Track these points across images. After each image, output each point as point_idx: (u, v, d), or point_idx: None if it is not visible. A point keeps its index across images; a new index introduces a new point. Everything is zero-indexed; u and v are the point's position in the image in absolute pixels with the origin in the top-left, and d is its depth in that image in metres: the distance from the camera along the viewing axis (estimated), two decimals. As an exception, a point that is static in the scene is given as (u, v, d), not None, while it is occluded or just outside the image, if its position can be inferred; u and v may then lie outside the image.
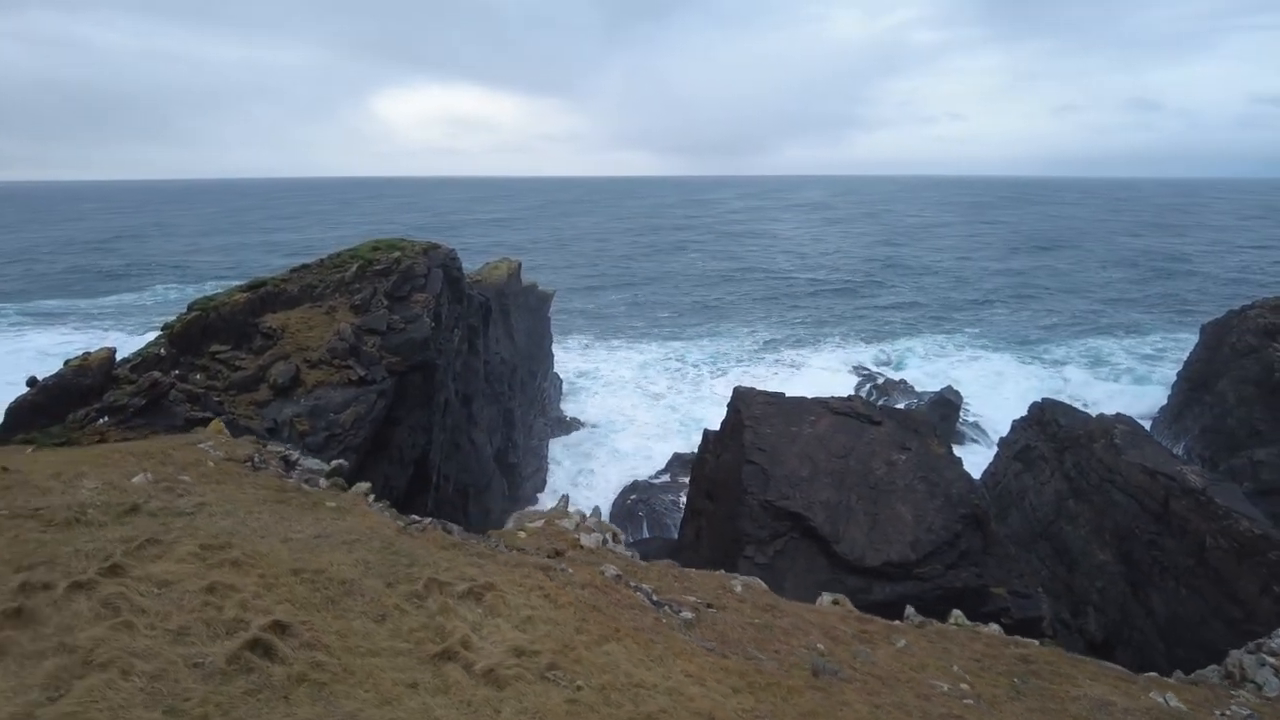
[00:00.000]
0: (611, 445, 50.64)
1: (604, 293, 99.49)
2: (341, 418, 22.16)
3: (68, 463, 11.65)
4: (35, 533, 7.86)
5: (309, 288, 25.00)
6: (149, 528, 8.34)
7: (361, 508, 11.58)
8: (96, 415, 18.40)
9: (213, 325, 22.59)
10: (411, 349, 24.77)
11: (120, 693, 4.68)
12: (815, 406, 23.83)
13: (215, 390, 21.18)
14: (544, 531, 12.70)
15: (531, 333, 49.98)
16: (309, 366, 22.99)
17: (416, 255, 27.75)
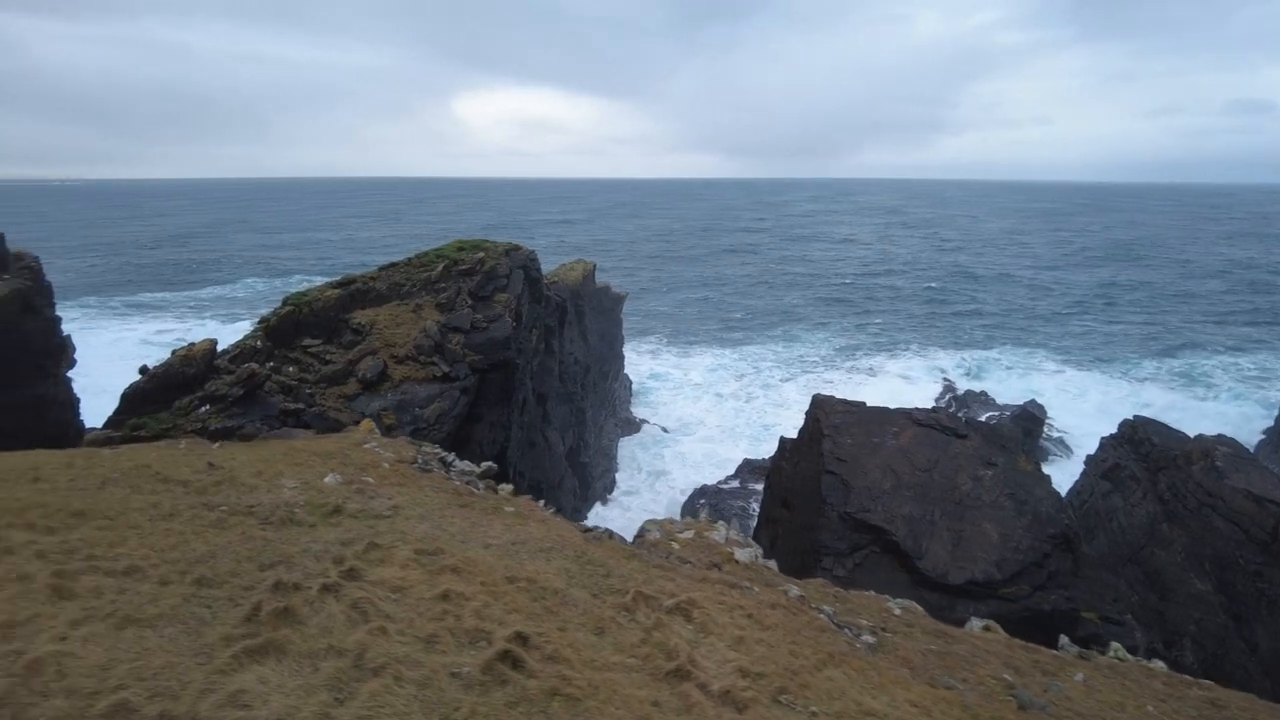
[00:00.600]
0: (680, 448, 50.62)
1: (674, 294, 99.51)
2: (426, 413, 22.69)
3: (264, 461, 11.91)
4: (258, 530, 8.03)
5: (397, 285, 25.66)
6: (359, 530, 8.42)
7: (538, 514, 11.49)
8: (199, 403, 19.30)
9: (305, 320, 23.41)
10: (493, 347, 25.20)
11: (398, 699, 4.79)
12: (898, 417, 23.31)
13: (306, 383, 21.95)
14: (695, 543, 12.41)
15: (604, 334, 50.30)
16: (396, 362, 23.61)
17: (499, 256, 28.20)
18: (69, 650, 4.73)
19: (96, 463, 10.92)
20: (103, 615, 5.30)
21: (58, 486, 9.26)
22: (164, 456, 11.74)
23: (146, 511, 8.28)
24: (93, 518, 7.78)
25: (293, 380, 21.28)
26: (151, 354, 63.91)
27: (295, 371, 21.91)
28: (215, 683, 4.62)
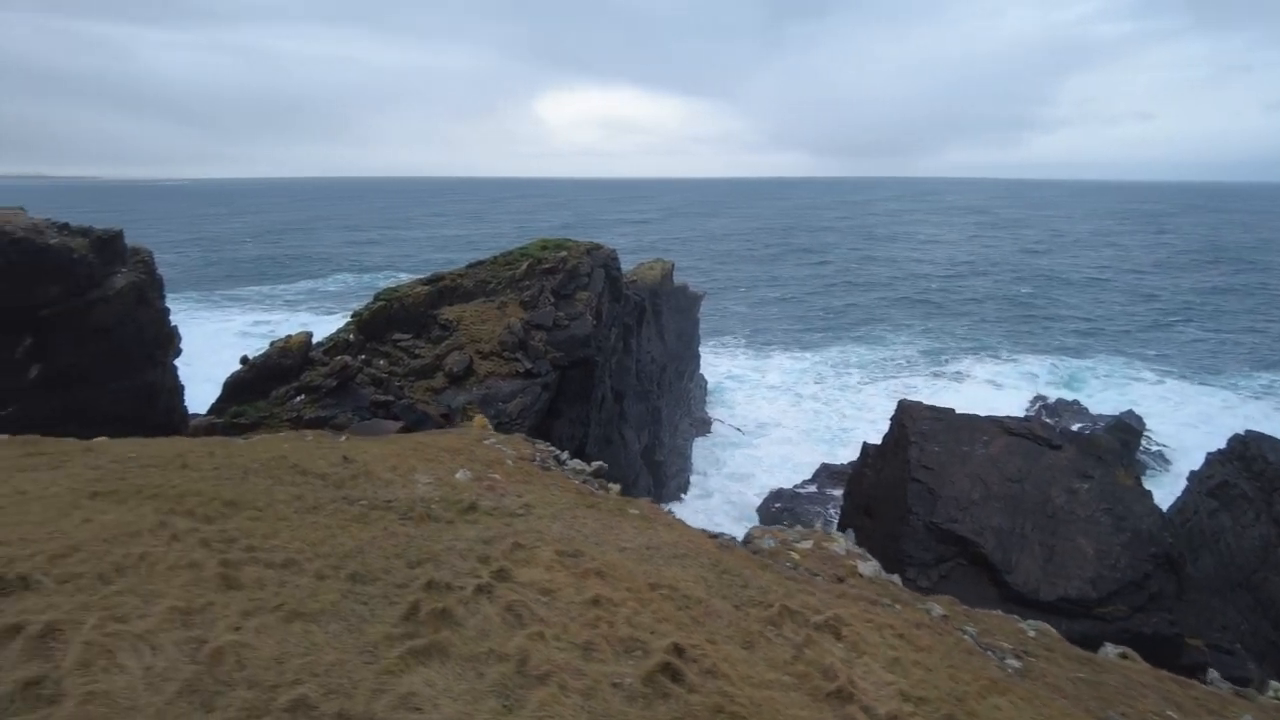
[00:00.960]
0: (756, 450, 50.13)
1: (752, 293, 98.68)
2: (509, 407, 23.10)
3: (396, 455, 11.98)
4: (399, 525, 8.11)
5: (483, 283, 26.20)
6: (497, 528, 8.40)
7: (664, 517, 11.26)
8: (295, 393, 20.13)
9: (396, 315, 24.13)
10: (574, 345, 25.48)
11: (566, 708, 4.74)
12: (988, 425, 22.51)
13: (396, 376, 22.63)
14: (815, 554, 12.00)
15: (681, 333, 50.26)
16: (481, 358, 24.12)
17: (581, 255, 28.48)
18: (245, 641, 4.85)
19: (235, 453, 11.10)
20: (270, 607, 5.39)
21: (205, 475, 9.51)
22: (298, 449, 11.80)
23: (292, 504, 8.41)
24: (244, 508, 7.95)
25: (383, 373, 21.97)
26: (248, 344, 67.07)
27: (385, 365, 22.62)
28: (385, 683, 4.65)
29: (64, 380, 30.60)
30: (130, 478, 8.80)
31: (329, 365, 20.46)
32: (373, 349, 22.91)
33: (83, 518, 6.91)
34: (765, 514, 40.24)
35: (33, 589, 5.15)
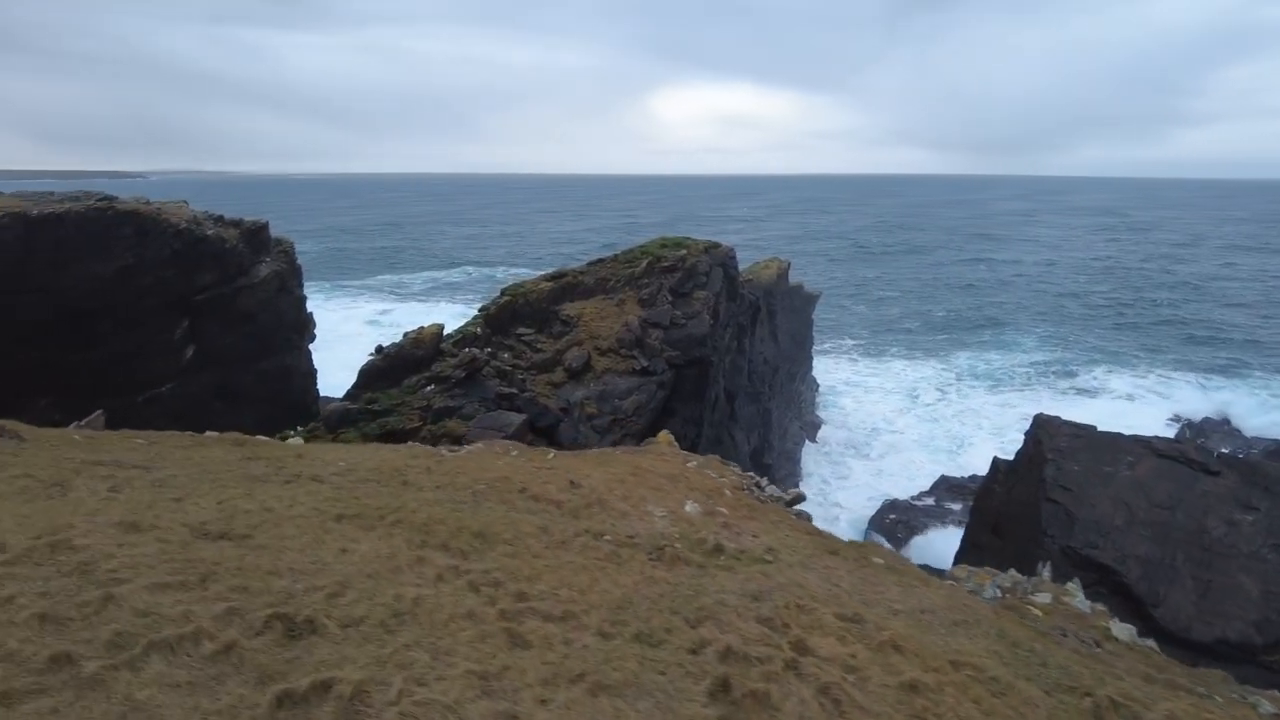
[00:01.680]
0: (869, 457, 48.66)
1: (864, 294, 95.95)
2: (625, 404, 23.23)
3: (618, 480, 11.21)
4: (653, 570, 7.58)
5: (603, 280, 26.45)
6: (756, 580, 7.70)
7: (913, 569, 10.25)
8: (425, 383, 20.87)
9: (520, 310, 24.68)
10: (690, 344, 25.36)
11: None
12: (1133, 445, 20.95)
13: (519, 369, 23.14)
14: (1058, 610, 10.59)
15: (794, 334, 49.35)
16: (599, 354, 24.36)
17: (699, 254, 28.32)
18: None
19: (453, 470, 10.48)
20: (569, 676, 4.97)
21: (437, 498, 9.02)
22: (518, 469, 10.87)
23: (539, 537, 7.95)
24: (493, 541, 7.51)
25: (507, 366, 22.51)
26: (374, 332, 70.46)
27: (509, 358, 23.16)
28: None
29: (213, 361, 32.97)
30: (364, 497, 8.45)
31: (458, 357, 21.11)
32: (498, 342, 23.50)
33: (338, 546, 6.66)
34: (879, 525, 38.97)
35: (320, 634, 4.95)
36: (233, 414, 33.46)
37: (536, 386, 22.79)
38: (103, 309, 28.81)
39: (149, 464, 7.95)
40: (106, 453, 8.04)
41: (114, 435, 9.83)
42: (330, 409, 20.48)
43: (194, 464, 8.26)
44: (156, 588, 5.12)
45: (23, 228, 26.41)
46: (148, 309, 29.91)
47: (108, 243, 28.58)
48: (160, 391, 30.77)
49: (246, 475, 8.42)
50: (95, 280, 28.42)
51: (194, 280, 30.96)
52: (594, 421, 22.58)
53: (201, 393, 32.53)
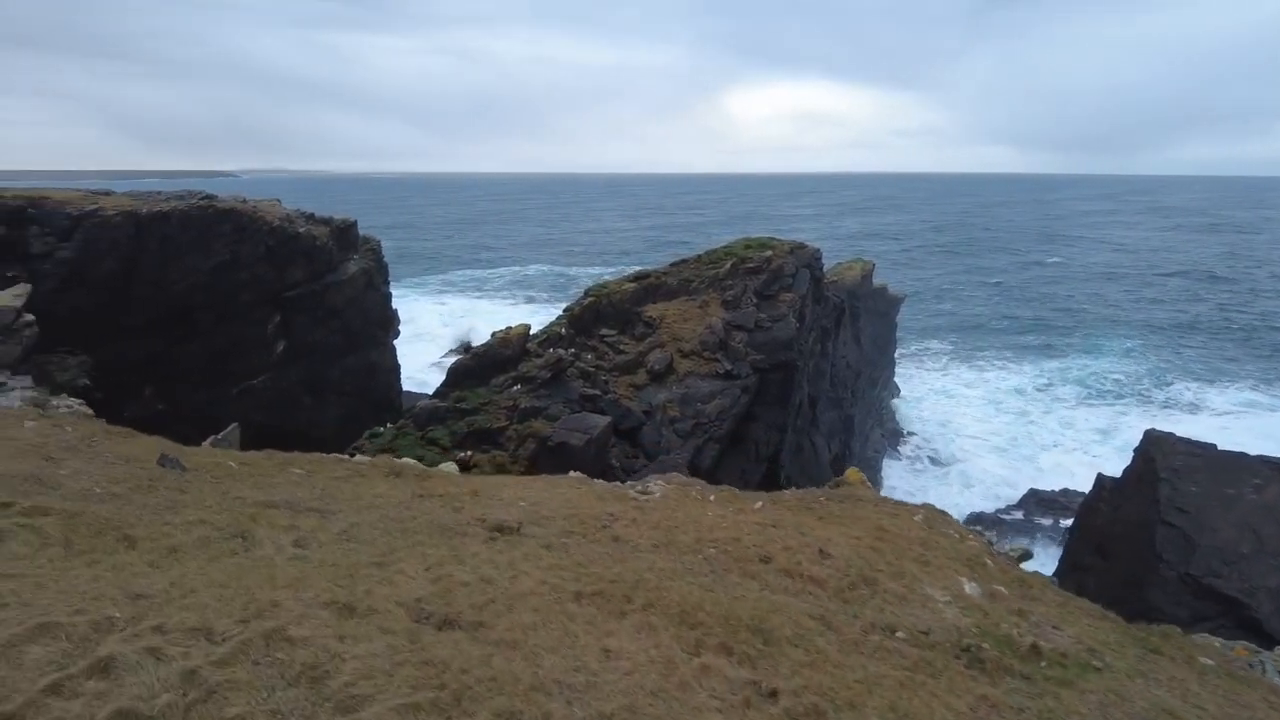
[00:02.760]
0: (951, 466, 46.95)
1: (946, 296, 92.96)
2: (708, 408, 22.81)
3: (872, 550, 9.34)
4: (970, 683, 6.36)
5: (686, 281, 26.09)
6: (1109, 699, 6.50)
7: (1250, 677, 8.41)
8: (512, 383, 20.89)
9: (604, 311, 24.52)
10: (775, 348, 24.76)
11: None
12: (1261, 467, 19.43)
13: (602, 370, 22.98)
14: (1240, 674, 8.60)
15: (877, 337, 48.03)
16: (681, 356, 24.00)
17: (785, 254, 27.67)
18: None
19: (660, 520, 8.90)
20: None
21: (658, 560, 7.84)
22: (738, 525, 9.22)
23: (824, 634, 6.74)
24: (777, 641, 6.31)
25: (590, 367, 22.37)
26: (451, 328, 71.78)
27: (593, 359, 23.02)
28: None
29: (303, 355, 33.93)
30: (589, 564, 7.41)
31: (543, 358, 21.07)
32: (582, 343, 23.40)
33: (596, 644, 5.64)
34: (963, 537, 37.60)
35: None
36: (320, 408, 34.42)
37: (618, 388, 22.59)
38: (202, 303, 29.94)
39: (322, 506, 7.05)
40: (273, 488, 7.40)
41: (266, 462, 8.90)
42: (420, 407, 20.70)
43: (367, 505, 7.41)
44: (406, 711, 4.30)
45: (133, 226, 27.62)
46: (243, 304, 30.96)
47: (208, 240, 29.67)
48: (253, 384, 31.82)
49: (436, 525, 7.33)
50: (196, 275, 29.55)
51: (286, 276, 31.90)
52: (676, 425, 22.24)
53: (291, 386, 33.53)
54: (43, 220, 26.51)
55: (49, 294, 26.29)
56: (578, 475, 10.23)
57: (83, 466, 6.60)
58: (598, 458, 19.21)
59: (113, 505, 6.03)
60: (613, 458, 19.95)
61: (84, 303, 26.94)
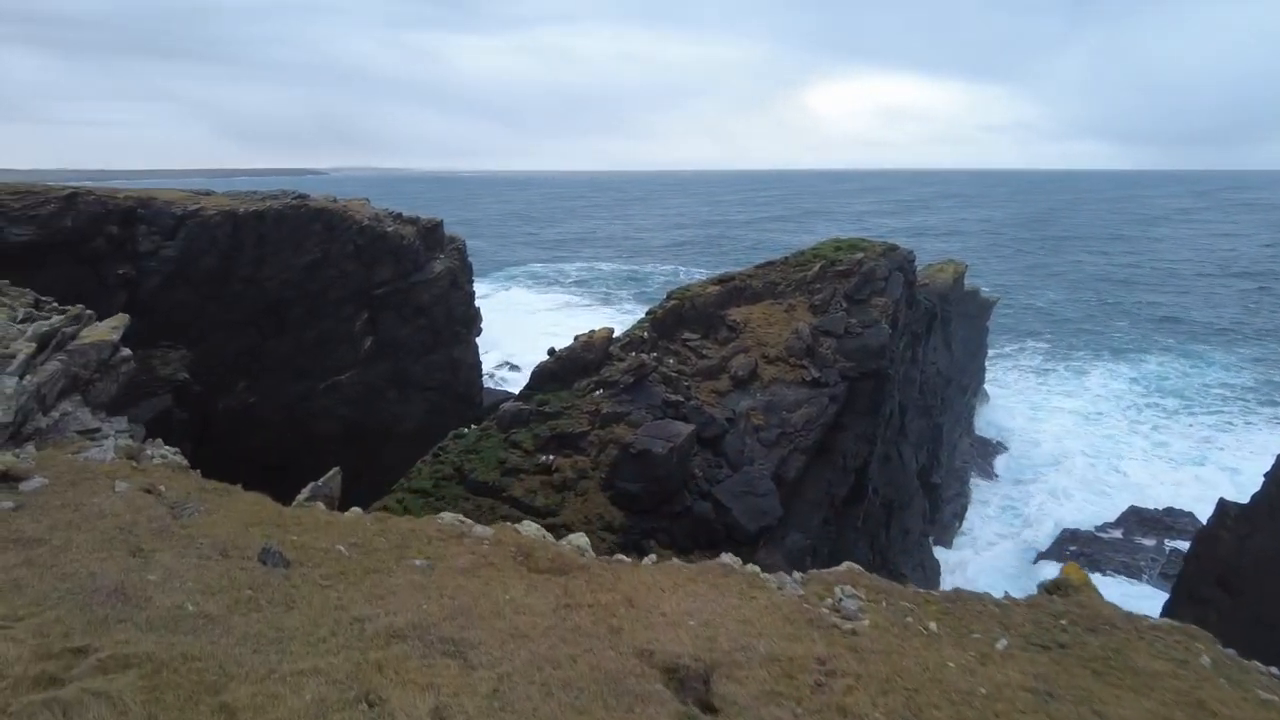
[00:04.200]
0: (1046, 479, 44.66)
1: (1040, 296, 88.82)
2: (794, 417, 22.04)
3: None
4: None
5: (772, 284, 25.34)
6: None
7: None
8: (594, 387, 20.59)
9: (687, 314, 24.01)
10: (866, 355, 23.78)
11: None
12: None
13: (684, 375, 22.46)
14: None
15: (967, 343, 46.09)
16: (766, 362, 23.29)
17: (877, 257, 26.61)
18: None
19: (881, 671, 6.72)
20: None
21: None
22: (1008, 696, 6.78)
23: None
24: None
25: (672, 372, 21.89)
26: (534, 320, 72.53)
27: (675, 364, 22.54)
28: None
29: (389, 351, 34.55)
30: None
31: (626, 362, 20.70)
32: (664, 347, 22.95)
33: None
34: (1057, 557, 35.56)
35: None
36: (404, 402, 34.99)
37: (701, 394, 22.03)
38: (294, 300, 30.75)
39: (458, 635, 5.46)
40: (393, 594, 5.72)
41: (380, 540, 7.10)
42: (504, 409, 20.61)
43: (509, 631, 5.81)
44: None
45: (231, 225, 28.53)
46: (332, 301, 31.68)
47: (300, 238, 30.44)
48: (341, 379, 32.55)
49: (601, 675, 5.44)
50: (288, 272, 30.36)
51: (374, 275, 32.51)
52: (760, 434, 21.56)
53: (377, 381, 34.19)
54: (150, 220, 27.61)
55: (154, 290, 27.40)
56: (733, 563, 7.98)
57: (174, 564, 5.54)
58: (680, 466, 18.74)
59: (207, 638, 4.84)
60: (695, 466, 19.43)
61: (185, 298, 27.96)
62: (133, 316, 26.56)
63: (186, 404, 26.42)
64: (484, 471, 18.73)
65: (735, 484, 19.03)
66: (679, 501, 18.37)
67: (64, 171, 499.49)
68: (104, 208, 26.76)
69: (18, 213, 24.59)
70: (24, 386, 8.18)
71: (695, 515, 18.31)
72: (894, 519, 30.66)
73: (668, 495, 18.33)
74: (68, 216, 25.50)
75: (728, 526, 18.01)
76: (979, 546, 38.76)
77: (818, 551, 21.59)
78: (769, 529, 18.48)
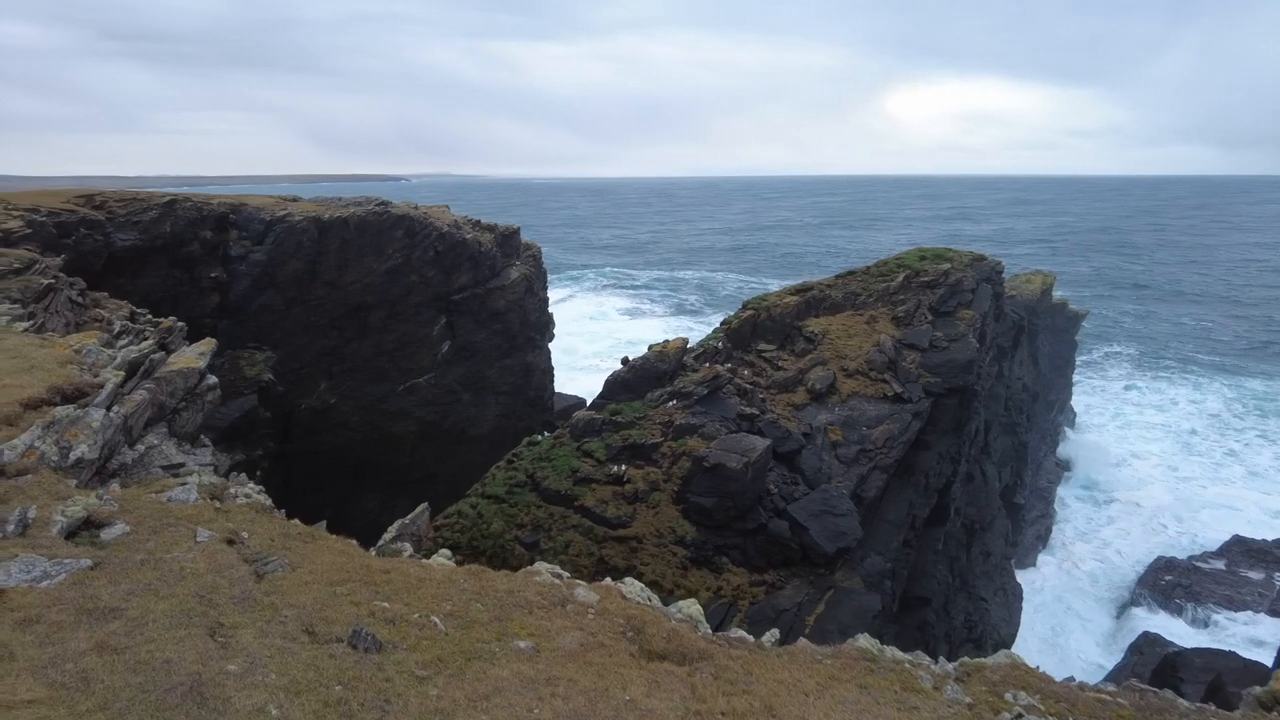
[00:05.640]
0: (1136, 502, 42.34)
1: (1122, 308, 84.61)
2: (874, 433, 21.30)
3: None
4: None
5: (852, 295, 24.62)
6: None
7: None
8: (668, 397, 20.29)
9: (762, 325, 23.50)
10: (953, 371, 22.84)
11: None
12: None
13: (759, 387, 21.96)
14: None
15: (1054, 357, 44.10)
16: (845, 375, 22.60)
17: (964, 268, 25.61)
18: None
19: None
20: None
21: None
22: None
23: None
24: None
25: (747, 384, 21.42)
26: (604, 330, 72.79)
27: (749, 375, 22.08)
28: None
29: (465, 355, 35.01)
30: None
31: (700, 373, 20.35)
32: (739, 358, 22.52)
33: None
34: (1152, 588, 33.62)
35: None
36: (478, 405, 35.41)
37: (776, 407, 21.49)
38: (375, 304, 31.44)
39: None
40: (499, 689, 5.07)
41: (482, 614, 6.32)
42: (576, 417, 20.50)
43: None
44: None
45: (317, 230, 29.34)
46: (412, 305, 32.28)
47: (382, 244, 31.11)
48: (419, 381, 33.13)
49: None
50: (370, 277, 31.06)
51: (452, 280, 33.00)
52: (839, 450, 20.90)
53: (453, 384, 34.70)
54: (242, 225, 28.63)
55: (242, 293, 28.37)
56: (871, 646, 7.15)
57: (256, 648, 4.94)
58: (755, 482, 18.25)
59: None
60: (770, 482, 18.91)
61: (271, 301, 28.87)
62: (222, 318, 27.67)
63: (270, 403, 27.23)
64: (556, 480, 18.63)
65: (812, 502, 18.44)
66: (753, 518, 17.89)
67: (164, 178, 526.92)
68: (199, 213, 27.86)
69: (124, 219, 25.78)
70: (111, 419, 8.15)
71: (770, 533, 17.80)
72: (975, 541, 29.43)
73: (742, 511, 17.88)
74: (167, 222, 26.63)
75: (804, 546, 17.45)
76: (1064, 572, 36.95)
77: (896, 574, 20.81)
78: (847, 550, 17.83)
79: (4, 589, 5.21)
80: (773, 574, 17.53)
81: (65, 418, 7.98)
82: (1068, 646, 31.29)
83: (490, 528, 17.66)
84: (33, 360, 9.47)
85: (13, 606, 4.94)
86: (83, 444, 7.79)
